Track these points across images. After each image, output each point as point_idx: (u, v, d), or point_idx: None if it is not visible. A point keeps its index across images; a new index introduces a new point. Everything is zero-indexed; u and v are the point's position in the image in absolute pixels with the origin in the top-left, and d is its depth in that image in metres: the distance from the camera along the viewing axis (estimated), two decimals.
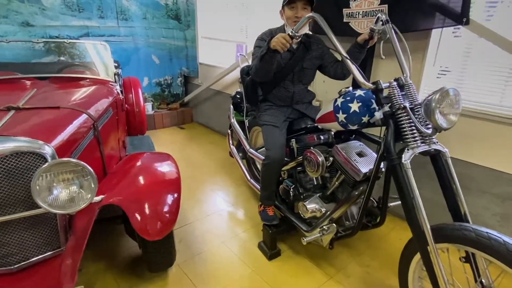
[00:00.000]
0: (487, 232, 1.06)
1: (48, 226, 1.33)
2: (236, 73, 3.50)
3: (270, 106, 2.05)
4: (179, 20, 4.18)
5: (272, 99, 2.05)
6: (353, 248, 2.02)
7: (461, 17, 1.71)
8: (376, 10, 2.04)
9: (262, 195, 2.04)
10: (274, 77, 1.90)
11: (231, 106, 2.70)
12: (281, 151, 1.87)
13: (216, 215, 2.37)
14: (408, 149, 1.24)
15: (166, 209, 1.46)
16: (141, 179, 1.56)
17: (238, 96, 2.75)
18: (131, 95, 3.11)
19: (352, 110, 1.44)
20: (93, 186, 1.24)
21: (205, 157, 3.40)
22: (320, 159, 1.62)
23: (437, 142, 1.28)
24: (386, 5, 1.98)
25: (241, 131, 2.54)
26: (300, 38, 1.54)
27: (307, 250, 1.99)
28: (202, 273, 1.80)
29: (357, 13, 2.14)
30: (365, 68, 2.22)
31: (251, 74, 1.97)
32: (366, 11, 2.09)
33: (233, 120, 2.65)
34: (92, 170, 1.21)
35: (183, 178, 1.70)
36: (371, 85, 1.35)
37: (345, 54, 1.40)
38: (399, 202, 1.76)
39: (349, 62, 1.39)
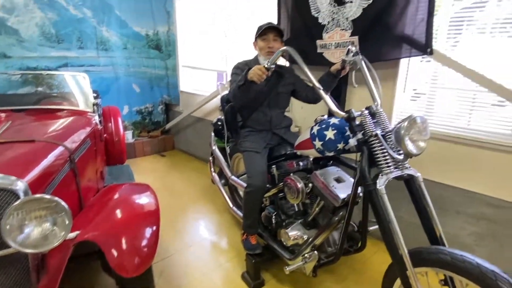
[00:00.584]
0: (461, 255, 1.09)
1: (18, 267, 1.26)
2: (217, 101, 3.55)
3: (250, 132, 2.08)
4: (160, 50, 4.25)
5: (252, 124, 2.10)
6: (336, 273, 2.01)
7: (425, 47, 1.84)
8: (347, 41, 2.15)
9: (245, 223, 2.02)
10: (252, 102, 2.01)
11: (212, 133, 2.72)
12: (262, 178, 1.88)
13: (198, 245, 2.32)
14: (382, 175, 1.28)
15: (144, 243, 1.42)
16: (118, 213, 1.52)
17: (219, 123, 2.77)
18: (110, 124, 3.09)
19: (327, 137, 1.49)
20: (67, 222, 1.20)
21: (186, 185, 3.36)
22: (299, 185, 1.63)
23: (409, 167, 1.33)
24: (357, 37, 2.10)
25: (222, 158, 2.54)
26: (274, 69, 1.62)
27: (291, 278, 1.97)
28: None
29: (329, 44, 2.26)
30: (340, 96, 2.31)
31: (231, 100, 2.03)
32: (338, 43, 2.20)
33: (215, 147, 2.66)
34: (66, 206, 1.18)
35: (164, 207, 1.67)
36: (343, 113, 1.40)
37: (318, 85, 1.46)
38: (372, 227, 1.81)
39: (322, 92, 1.45)
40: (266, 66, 1.57)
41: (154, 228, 1.54)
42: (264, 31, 1.91)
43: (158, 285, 1.88)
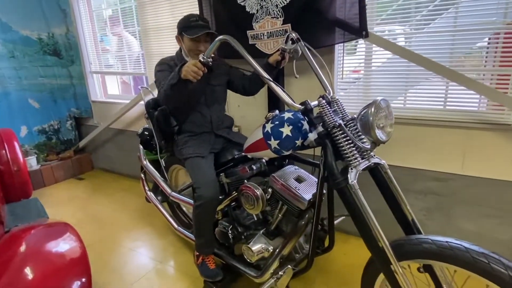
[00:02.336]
0: (446, 242, 1.02)
1: None
2: (139, 108, 3.14)
3: (190, 137, 1.81)
4: (59, 55, 3.59)
5: (190, 127, 1.83)
6: (304, 278, 1.87)
7: (360, 31, 1.80)
8: (280, 30, 2.02)
9: (198, 243, 1.75)
10: (187, 103, 1.75)
11: (140, 146, 2.34)
12: (214, 187, 1.63)
13: (143, 280, 1.95)
14: (351, 168, 1.16)
15: None
16: (28, 273, 1.12)
17: (146, 132, 2.40)
18: (4, 151, 2.46)
19: (284, 135, 1.31)
20: None
21: (116, 210, 2.89)
22: (258, 192, 1.44)
23: (374, 156, 1.24)
24: (289, 24, 1.98)
25: (156, 172, 2.20)
26: (211, 63, 1.37)
27: None
28: None
29: (261, 34, 2.10)
30: None
31: (162, 102, 1.71)
32: (270, 32, 2.06)
33: (146, 162, 2.29)
34: None
35: (91, 244, 1.32)
36: (299, 106, 1.25)
37: (266, 76, 1.28)
38: (341, 218, 1.72)
39: (272, 84, 1.27)
40: (202, 60, 1.33)
41: (84, 280, 1.18)
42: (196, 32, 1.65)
43: None
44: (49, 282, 1.10)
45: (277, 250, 1.48)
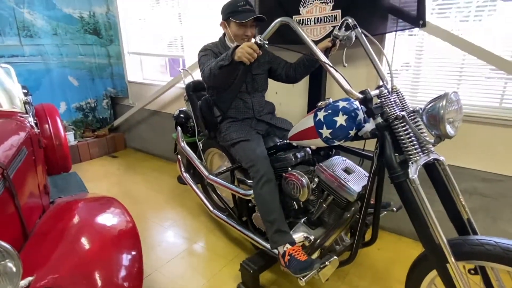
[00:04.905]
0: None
1: None
2: (175, 90, 3.17)
3: (232, 123, 1.80)
4: (99, 34, 3.66)
5: (233, 114, 1.83)
6: (338, 270, 1.86)
7: (417, 20, 1.71)
8: (328, 15, 1.96)
9: (274, 231, 1.49)
10: (228, 90, 1.75)
11: (179, 128, 2.37)
12: (268, 164, 1.58)
13: (178, 259, 2.00)
14: (412, 162, 1.12)
15: (126, 278, 1.10)
16: (83, 242, 1.16)
17: (182, 115, 2.44)
18: (47, 125, 2.55)
19: (338, 124, 1.28)
20: (15, 270, 0.84)
21: (148, 188, 2.96)
22: (304, 181, 1.42)
23: (433, 151, 1.19)
24: (339, 10, 1.91)
25: (194, 155, 2.22)
26: (267, 46, 1.34)
27: (291, 282, 1.77)
28: None
29: (308, 19, 2.04)
30: (321, 80, 2.12)
31: (205, 81, 1.68)
32: (318, 17, 2.00)
33: (184, 143, 2.32)
34: (13, 250, 0.81)
35: None
36: (359, 94, 1.21)
37: (327, 61, 1.24)
38: (384, 212, 1.67)
39: (332, 70, 1.23)
40: (259, 41, 1.30)
41: (135, 253, 1.22)
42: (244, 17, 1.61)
43: None
44: (104, 252, 1.13)
45: (319, 240, 1.46)
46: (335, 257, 1.36)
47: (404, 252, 2.01)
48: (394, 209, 1.57)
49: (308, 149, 1.61)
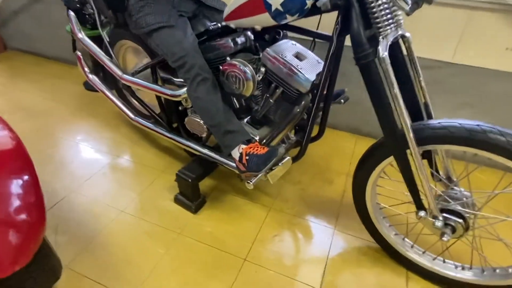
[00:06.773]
0: (477, 125, 0.91)
1: None
2: None
3: (145, 2, 1.33)
4: None
5: None
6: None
7: None
8: None
9: (223, 134, 1.26)
10: None
11: (71, 13, 1.76)
12: (201, 57, 1.25)
13: (99, 175, 1.70)
14: (382, 38, 0.91)
15: (21, 210, 0.79)
16: None
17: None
18: None
19: None
20: None
21: (47, 99, 2.37)
22: (248, 72, 1.15)
23: (402, 25, 0.99)
24: None
25: (101, 51, 1.72)
26: None
27: (233, 186, 1.66)
28: (108, 265, 1.26)
29: None
30: None
31: None
32: None
33: (82, 35, 1.76)
34: None
35: (24, 137, 0.98)
36: None
37: None
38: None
39: None
40: None
41: (26, 177, 0.89)
42: None
43: (59, 246, 1.31)
44: None
45: (265, 140, 1.30)
46: (288, 157, 1.22)
47: (341, 145, 2.02)
48: (342, 101, 1.44)
49: (249, 33, 1.29)
